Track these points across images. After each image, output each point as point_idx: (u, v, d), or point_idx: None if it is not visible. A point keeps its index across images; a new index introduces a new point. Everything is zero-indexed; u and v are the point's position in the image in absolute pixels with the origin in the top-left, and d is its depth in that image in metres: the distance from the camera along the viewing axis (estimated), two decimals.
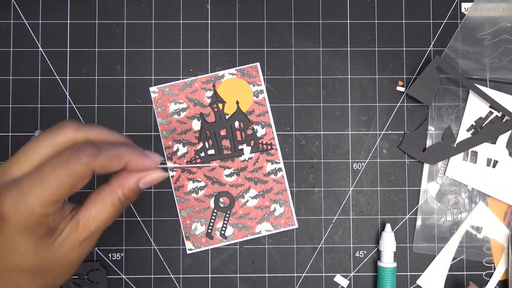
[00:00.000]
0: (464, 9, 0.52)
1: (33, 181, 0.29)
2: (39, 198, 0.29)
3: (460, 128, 0.51)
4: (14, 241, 0.29)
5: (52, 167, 0.30)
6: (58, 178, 0.29)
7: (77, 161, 0.30)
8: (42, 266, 0.31)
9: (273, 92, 0.52)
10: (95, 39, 0.52)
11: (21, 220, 0.29)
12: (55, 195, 0.29)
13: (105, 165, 0.31)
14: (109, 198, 0.33)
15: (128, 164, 0.32)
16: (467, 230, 0.51)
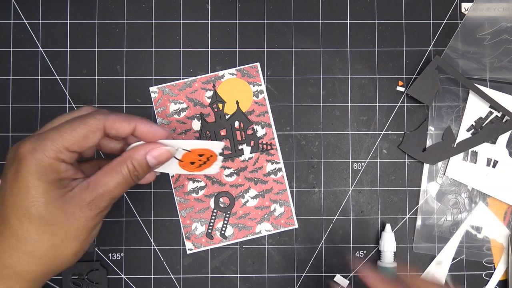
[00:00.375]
0: (464, 9, 0.52)
1: (51, 131, 0.33)
2: (53, 142, 0.32)
3: (460, 128, 0.51)
4: (28, 182, 0.32)
5: (69, 121, 0.34)
6: (72, 128, 0.33)
7: (91, 116, 0.34)
8: (50, 216, 0.32)
9: (273, 92, 0.52)
10: (95, 39, 0.52)
11: (36, 160, 0.32)
12: (68, 141, 0.33)
13: (115, 122, 0.35)
14: (118, 166, 0.35)
15: (137, 127, 0.36)
16: (467, 230, 0.51)
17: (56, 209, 0.33)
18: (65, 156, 0.33)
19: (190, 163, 0.40)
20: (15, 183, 0.32)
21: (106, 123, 0.35)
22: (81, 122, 0.34)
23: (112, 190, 0.34)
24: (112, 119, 0.35)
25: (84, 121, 0.34)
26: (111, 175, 0.35)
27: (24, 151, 0.32)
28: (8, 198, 0.33)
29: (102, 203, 0.34)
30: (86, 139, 0.34)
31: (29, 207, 0.32)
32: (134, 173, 0.35)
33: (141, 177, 0.37)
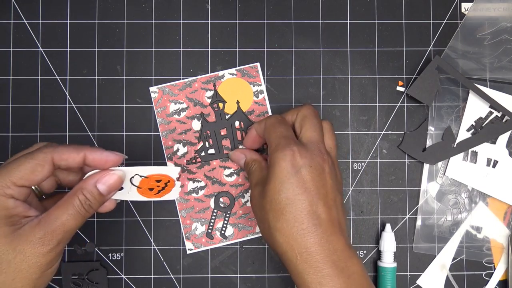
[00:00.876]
0: (464, 9, 0.52)
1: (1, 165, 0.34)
2: (0, 178, 0.33)
3: (460, 128, 0.51)
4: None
5: (17, 158, 0.35)
6: (19, 163, 0.34)
7: (38, 150, 0.35)
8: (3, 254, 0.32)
9: (273, 92, 0.52)
10: (95, 39, 0.52)
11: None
12: (15, 176, 0.33)
13: (63, 154, 0.35)
14: (70, 199, 0.35)
15: (87, 156, 0.36)
16: (467, 230, 0.51)
17: (4, 247, 0.32)
18: (13, 192, 0.33)
19: (149, 189, 0.40)
20: None
21: (54, 155, 0.35)
22: (27, 157, 0.34)
23: (64, 223, 0.34)
24: (60, 150, 0.35)
25: (31, 156, 0.34)
26: (63, 208, 0.34)
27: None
28: None
29: (54, 237, 0.33)
30: (34, 173, 0.34)
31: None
32: (87, 203, 0.35)
33: (95, 207, 0.36)
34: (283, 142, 0.39)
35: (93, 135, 0.51)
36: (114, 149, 0.50)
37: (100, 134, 0.51)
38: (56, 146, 0.35)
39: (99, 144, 0.51)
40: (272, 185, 0.38)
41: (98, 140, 0.51)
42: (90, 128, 0.51)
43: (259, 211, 0.40)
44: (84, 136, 0.51)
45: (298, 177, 0.37)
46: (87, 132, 0.51)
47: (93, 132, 0.51)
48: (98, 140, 0.51)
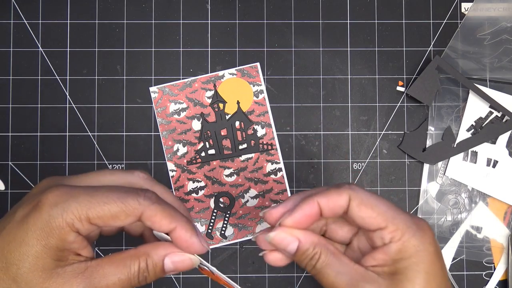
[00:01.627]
0: (464, 9, 0.52)
1: (85, 190, 0.28)
2: (79, 205, 0.28)
3: (460, 128, 0.51)
4: (25, 235, 0.28)
5: (108, 189, 0.29)
6: (107, 199, 0.28)
7: (134, 197, 0.29)
8: (25, 285, 0.27)
9: (273, 92, 0.52)
10: (95, 39, 0.52)
11: (48, 217, 0.27)
12: (94, 213, 0.28)
13: (155, 215, 0.29)
14: (129, 260, 0.30)
15: (176, 230, 0.30)
16: (467, 230, 0.51)
17: (37, 283, 0.28)
18: (81, 227, 0.28)
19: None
20: (16, 228, 0.28)
21: (145, 211, 0.29)
22: (119, 198, 0.28)
23: (109, 285, 0.29)
24: (154, 210, 0.29)
25: (124, 199, 0.28)
26: (116, 267, 0.29)
27: (46, 199, 0.28)
28: (1, 241, 0.28)
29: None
30: (114, 219, 0.28)
31: (11, 263, 0.27)
32: (144, 274, 0.30)
33: (149, 281, 0.30)
34: (414, 225, 0.30)
35: (93, 135, 0.51)
36: (114, 149, 0.51)
37: (100, 134, 0.51)
38: (153, 202, 0.29)
39: (99, 144, 0.51)
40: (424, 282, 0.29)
41: (98, 140, 0.51)
42: (90, 128, 0.51)
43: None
44: (84, 136, 0.51)
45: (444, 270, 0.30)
46: (87, 132, 0.51)
47: (93, 132, 0.51)
48: (98, 140, 0.51)
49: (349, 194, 0.30)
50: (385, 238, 0.29)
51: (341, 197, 0.30)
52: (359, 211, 0.30)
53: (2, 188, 0.50)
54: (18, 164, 0.50)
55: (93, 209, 0.28)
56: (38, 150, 0.51)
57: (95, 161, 0.51)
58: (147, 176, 0.33)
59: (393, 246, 0.29)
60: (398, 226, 0.29)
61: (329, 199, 0.30)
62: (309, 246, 0.31)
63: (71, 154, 0.51)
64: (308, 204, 0.31)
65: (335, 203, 0.30)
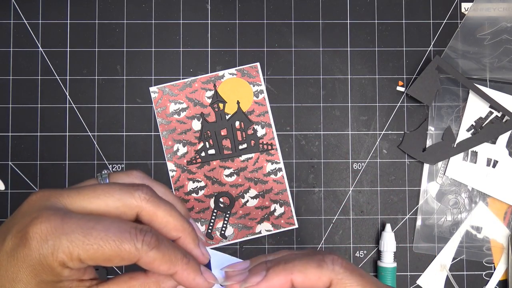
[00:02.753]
0: (464, 9, 0.52)
1: (78, 226, 0.25)
2: (71, 244, 0.25)
3: (460, 128, 0.51)
4: (18, 271, 0.25)
5: (106, 227, 0.26)
6: (103, 240, 0.25)
7: (131, 240, 0.26)
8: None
9: (273, 92, 0.52)
10: (95, 39, 0.52)
11: (39, 254, 0.25)
12: (87, 254, 0.25)
13: (154, 262, 0.26)
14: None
15: (178, 274, 0.27)
16: (467, 230, 0.51)
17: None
18: (72, 265, 0.26)
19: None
20: (6, 261, 0.26)
21: (143, 258, 0.26)
22: (116, 241, 0.25)
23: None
24: (152, 257, 0.26)
25: (121, 242, 0.25)
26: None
27: (34, 233, 0.25)
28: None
29: None
30: (107, 262, 0.26)
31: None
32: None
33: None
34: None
35: (93, 135, 0.51)
36: (114, 149, 0.51)
37: (100, 134, 0.51)
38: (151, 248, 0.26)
39: (99, 144, 0.51)
40: None
41: (98, 140, 0.51)
42: (90, 128, 0.51)
43: None
44: (84, 136, 0.51)
45: None
46: (87, 132, 0.51)
47: (93, 132, 0.51)
48: (98, 140, 0.51)
49: (331, 279, 0.28)
50: None
51: (321, 280, 0.27)
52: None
53: (2, 188, 0.50)
54: (18, 164, 0.50)
55: (86, 250, 0.25)
56: (38, 150, 0.50)
57: (95, 161, 0.51)
58: (144, 175, 0.32)
59: None
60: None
61: (306, 277, 0.28)
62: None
63: (71, 154, 0.51)
64: (278, 277, 0.28)
65: (312, 283, 0.28)
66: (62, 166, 0.50)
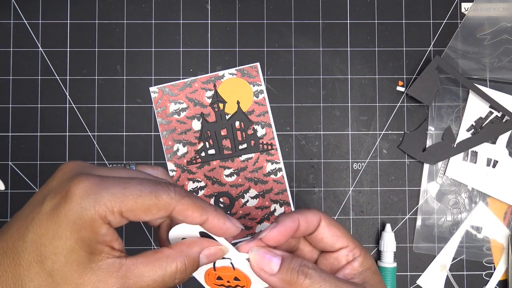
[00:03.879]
0: (464, 9, 0.52)
1: (115, 183, 0.27)
2: (112, 197, 0.27)
3: (460, 128, 0.51)
4: (59, 227, 0.26)
5: (140, 181, 0.28)
6: (140, 192, 0.27)
7: (165, 191, 0.28)
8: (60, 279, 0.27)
9: (273, 92, 0.52)
10: (95, 39, 0.52)
11: (81, 208, 0.26)
12: (127, 206, 0.27)
13: (187, 209, 0.29)
14: (165, 262, 0.29)
15: (209, 221, 0.30)
16: (467, 230, 0.51)
17: (72, 277, 0.27)
18: (113, 219, 0.27)
19: (217, 278, 0.34)
20: (46, 220, 0.27)
21: (177, 206, 0.28)
22: (152, 192, 0.28)
23: (142, 285, 0.28)
24: (186, 204, 0.29)
25: (156, 192, 0.28)
26: (152, 268, 0.29)
27: (76, 189, 0.27)
28: (32, 233, 0.27)
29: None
30: (146, 213, 0.28)
31: (46, 257, 0.26)
32: (181, 274, 0.29)
33: (184, 280, 0.30)
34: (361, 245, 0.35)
35: (93, 135, 0.51)
36: (114, 149, 0.51)
37: (100, 134, 0.51)
38: (183, 196, 0.29)
39: (99, 144, 0.51)
40: (382, 286, 0.34)
41: (98, 140, 0.51)
42: (90, 128, 0.51)
43: None
44: (84, 136, 0.51)
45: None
46: (87, 132, 0.51)
47: (93, 132, 0.51)
48: (98, 140, 0.51)
49: (321, 215, 0.34)
50: (348, 255, 0.34)
51: (315, 216, 0.34)
52: (329, 230, 0.34)
53: (2, 188, 0.50)
54: (18, 164, 0.50)
55: (126, 202, 0.27)
56: (38, 150, 0.51)
57: (95, 161, 0.51)
58: (167, 174, 0.34)
59: (357, 260, 0.34)
60: (356, 245, 0.34)
61: (306, 217, 0.33)
62: (293, 257, 0.31)
63: (71, 154, 0.51)
64: (291, 219, 0.33)
65: (310, 221, 0.33)
66: None
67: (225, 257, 0.33)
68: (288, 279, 0.31)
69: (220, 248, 0.31)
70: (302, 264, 0.31)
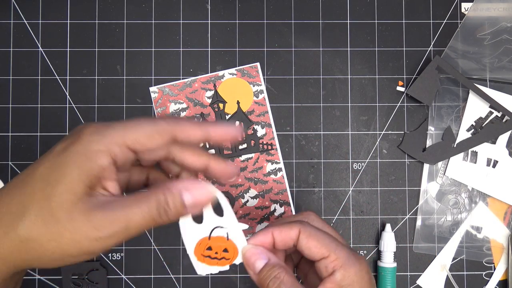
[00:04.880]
0: (464, 9, 0.52)
1: (118, 122, 0.31)
2: (115, 131, 0.30)
3: (460, 128, 0.51)
4: (67, 164, 0.29)
5: (138, 119, 0.31)
6: (139, 124, 0.30)
7: (161, 118, 0.31)
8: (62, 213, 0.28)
9: (273, 92, 0.52)
10: (95, 39, 0.52)
11: (88, 143, 0.29)
12: (130, 136, 0.30)
13: (186, 127, 0.31)
14: (148, 195, 0.30)
15: (210, 132, 0.32)
16: (467, 230, 0.51)
17: (65, 204, 0.28)
18: (118, 152, 0.30)
19: (207, 248, 0.35)
20: (57, 156, 0.30)
21: (176, 127, 0.31)
22: (149, 121, 0.31)
23: (128, 217, 0.29)
24: (183, 124, 0.31)
25: (153, 121, 0.31)
26: (137, 201, 0.30)
27: (84, 130, 0.30)
28: (42, 167, 0.29)
29: (110, 227, 0.29)
30: (150, 139, 0.30)
31: (49, 183, 0.29)
32: (163, 207, 0.30)
33: (170, 217, 0.31)
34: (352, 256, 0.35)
35: None
36: None
37: None
38: (178, 120, 0.32)
39: None
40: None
41: None
42: None
43: None
44: None
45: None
46: None
47: None
48: None
49: (299, 228, 0.35)
50: (328, 267, 0.34)
51: (292, 230, 0.35)
52: (306, 242, 0.34)
53: None
54: (18, 164, 0.51)
55: (128, 133, 0.30)
56: (38, 150, 0.51)
57: None
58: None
59: (337, 273, 0.33)
60: (339, 256, 0.34)
61: (281, 231, 0.35)
62: (276, 265, 0.34)
63: None
64: (263, 234, 0.35)
65: (286, 235, 0.35)
66: None
67: (223, 227, 0.34)
68: (261, 282, 0.34)
69: (207, 189, 0.32)
70: (277, 275, 0.33)
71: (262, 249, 0.35)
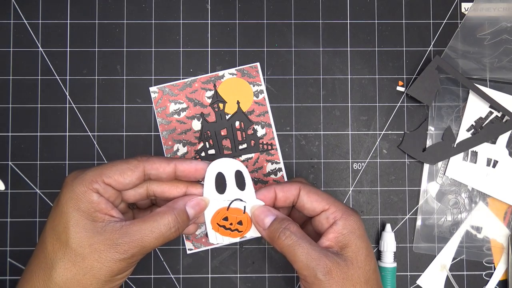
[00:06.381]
0: (464, 9, 0.52)
1: (97, 166, 0.36)
2: (92, 173, 0.35)
3: (460, 128, 0.51)
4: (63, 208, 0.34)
5: (112, 161, 0.37)
6: (113, 164, 0.36)
7: (133, 157, 0.37)
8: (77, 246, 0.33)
9: (273, 92, 0.52)
10: (95, 39, 0.52)
11: (73, 187, 0.34)
12: (106, 174, 0.35)
13: (154, 163, 0.37)
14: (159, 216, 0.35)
15: (177, 167, 0.37)
16: (467, 230, 0.51)
17: (83, 241, 0.33)
18: (99, 188, 0.35)
19: (223, 218, 0.40)
20: (55, 208, 0.35)
21: (146, 163, 0.37)
22: (122, 161, 0.36)
23: (143, 239, 0.34)
24: (152, 161, 0.37)
25: (126, 160, 0.36)
26: (149, 223, 0.35)
27: (68, 179, 0.36)
28: (48, 222, 0.35)
29: (130, 249, 0.34)
30: (123, 175, 0.35)
31: (61, 232, 0.34)
32: (176, 226, 0.35)
33: (181, 231, 0.36)
34: (348, 208, 0.38)
35: (93, 135, 0.51)
36: (114, 149, 0.51)
37: (100, 134, 0.51)
38: (149, 157, 0.37)
39: (99, 144, 0.51)
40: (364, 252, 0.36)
41: (98, 140, 0.51)
42: (90, 128, 0.51)
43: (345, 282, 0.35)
44: (84, 136, 0.51)
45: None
46: (87, 132, 0.51)
47: (93, 132, 0.51)
48: (98, 140, 0.51)
49: (300, 186, 0.38)
50: (329, 218, 0.37)
51: (293, 187, 0.38)
52: (308, 197, 0.38)
53: (2, 188, 0.50)
54: (18, 164, 0.51)
55: (104, 171, 0.35)
56: (38, 150, 0.51)
57: (95, 161, 0.51)
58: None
59: (339, 222, 0.37)
60: (338, 208, 0.37)
61: (283, 188, 0.39)
62: (284, 219, 0.37)
63: (71, 154, 0.51)
64: (266, 190, 0.39)
65: (288, 191, 0.38)
66: (62, 166, 0.50)
67: (242, 200, 0.39)
68: (272, 235, 0.37)
69: (201, 199, 0.38)
70: (286, 226, 0.36)
71: (270, 208, 0.39)
